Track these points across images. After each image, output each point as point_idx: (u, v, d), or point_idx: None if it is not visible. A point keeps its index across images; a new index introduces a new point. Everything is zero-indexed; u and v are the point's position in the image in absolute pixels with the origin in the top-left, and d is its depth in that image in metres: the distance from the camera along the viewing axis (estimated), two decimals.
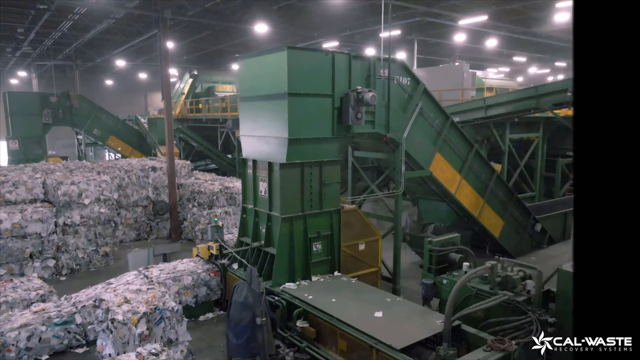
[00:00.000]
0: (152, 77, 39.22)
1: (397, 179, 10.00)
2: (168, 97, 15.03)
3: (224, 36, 22.92)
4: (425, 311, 7.29)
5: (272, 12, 16.82)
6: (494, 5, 16.72)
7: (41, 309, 8.02)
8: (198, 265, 9.61)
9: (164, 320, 6.63)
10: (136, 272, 9.20)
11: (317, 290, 8.00)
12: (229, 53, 27.47)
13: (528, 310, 6.60)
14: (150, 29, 19.98)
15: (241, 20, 17.39)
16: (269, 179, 8.54)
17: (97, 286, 8.87)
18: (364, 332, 6.46)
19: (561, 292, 6.73)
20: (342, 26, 19.37)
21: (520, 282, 7.00)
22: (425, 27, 19.49)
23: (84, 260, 12.39)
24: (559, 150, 20.81)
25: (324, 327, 7.18)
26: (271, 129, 8.39)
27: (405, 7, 15.87)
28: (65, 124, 24.55)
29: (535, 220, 14.11)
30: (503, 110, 12.91)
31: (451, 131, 11.20)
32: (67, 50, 25.60)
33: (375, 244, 9.88)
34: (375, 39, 20.94)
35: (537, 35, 21.64)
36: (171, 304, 6.82)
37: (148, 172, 15.49)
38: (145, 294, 7.22)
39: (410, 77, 10.16)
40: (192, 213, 15.23)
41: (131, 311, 6.54)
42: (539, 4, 16.26)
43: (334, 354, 7.02)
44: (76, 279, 11.85)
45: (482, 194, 12.09)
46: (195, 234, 15.11)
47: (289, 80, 7.87)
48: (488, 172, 12.29)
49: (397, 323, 6.77)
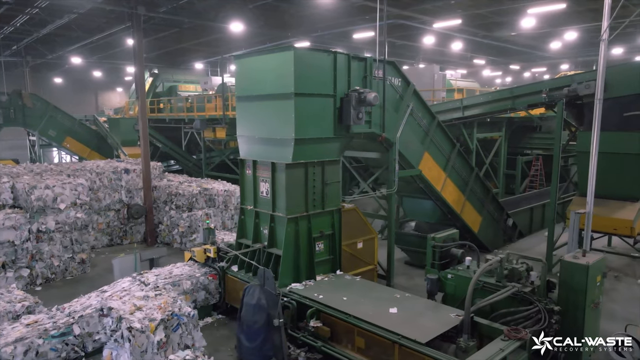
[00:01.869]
0: (105, 76, 37.55)
1: (391, 178, 10.20)
2: (142, 96, 14.50)
3: (190, 34, 22.36)
4: (437, 305, 7.50)
5: (247, 11, 16.62)
6: (460, 10, 17.37)
7: (33, 321, 7.53)
8: (194, 269, 9.36)
9: (181, 326, 6.43)
10: (130, 279, 8.83)
11: (324, 290, 8.03)
12: (193, 52, 26.85)
13: (535, 300, 6.95)
14: (113, 26, 19.20)
15: (216, 19, 17.03)
16: (272, 179, 8.46)
17: (90, 295, 8.45)
18: (385, 328, 6.57)
19: (564, 281, 7.15)
20: (314, 26, 19.43)
21: (525, 273, 7.36)
22: (394, 30, 19.90)
23: (59, 269, 11.70)
24: (518, 148, 21.99)
25: (339, 326, 7.22)
26: (275, 129, 8.32)
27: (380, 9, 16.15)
28: (17, 124, 23.02)
29: (508, 216, 14.84)
30: (480, 111, 13.48)
31: (437, 131, 11.57)
32: (17, 46, 24.02)
33: (371, 242, 10.04)
34: (346, 39, 21.17)
35: (497, 39, 22.72)
36: (186, 309, 6.62)
37: (121, 174, 14.86)
38: (154, 300, 6.97)
39: (401, 78, 10.40)
40: (169, 216, 14.76)
41: (147, 318, 6.30)
42: (503, 10, 17.07)
43: (350, 351, 7.08)
44: (53, 289, 11.18)
45: (464, 191, 12.57)
46: (172, 237, 14.68)
47: (295, 80, 7.85)
48: (468, 170, 12.80)
49: (413, 318, 6.93)
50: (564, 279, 7.13)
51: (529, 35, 22.06)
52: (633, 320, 7.68)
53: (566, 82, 11.35)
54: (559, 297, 7.20)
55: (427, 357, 6.09)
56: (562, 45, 24.97)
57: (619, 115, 10.76)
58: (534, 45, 25.35)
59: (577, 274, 6.99)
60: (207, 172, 23.65)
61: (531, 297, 7.02)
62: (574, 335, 6.85)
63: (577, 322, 7.00)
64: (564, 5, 14.90)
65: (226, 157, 22.89)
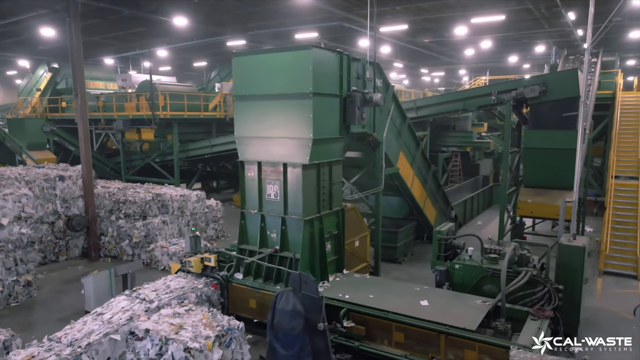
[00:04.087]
0: None
1: (378, 176, 10.50)
2: (82, 94, 12.97)
3: (104, 27, 20.33)
4: (458, 295, 7.94)
5: (189, 6, 15.70)
6: (405, 16, 18.27)
7: (29, 356, 6.43)
8: (190, 280, 8.69)
9: (233, 341, 6.00)
10: (125, 297, 7.94)
11: (344, 290, 8.02)
12: (102, 45, 24.47)
13: (545, 282, 7.73)
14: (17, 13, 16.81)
15: (157, 11, 15.76)
16: (284, 181, 8.22)
17: (84, 319, 7.39)
18: (429, 320, 6.81)
19: (562, 263, 8.05)
20: (254, 25, 18.97)
21: (531, 259, 8.13)
22: (332, 31, 20.27)
23: (2, 295, 10.01)
24: (436, 146, 23.89)
25: (374, 323, 7.30)
26: (288, 129, 8.08)
27: (326, 10, 16.40)
28: None
29: (452, 208, 16.08)
30: (433, 111, 14.41)
31: (408, 130, 12.15)
32: None
33: (365, 240, 10.23)
34: (286, 39, 20.98)
35: (416, 44, 24.33)
36: (235, 322, 6.20)
37: (54, 182, 13.10)
38: (188, 316, 6.40)
39: (383, 80, 10.75)
40: (116, 226, 13.39)
41: (198, 336, 5.77)
42: (443, 17, 18.37)
43: (387, 347, 7.21)
44: (1, 319, 9.53)
45: (425, 187, 13.37)
46: (121, 249, 13.34)
47: (313, 80, 7.73)
48: (427, 167, 13.64)
49: (446, 308, 7.27)
50: (563, 261, 8.02)
51: (444, 42, 24.01)
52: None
53: (514, 85, 12.67)
54: (558, 276, 8.08)
55: (476, 343, 6.47)
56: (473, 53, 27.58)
57: (558, 116, 12.34)
58: (443, 51, 27.60)
59: (574, 256, 7.92)
60: (127, 177, 21.83)
61: (541, 279, 7.79)
62: (573, 311, 7.79)
63: (574, 298, 7.93)
64: (503, 17, 16.57)
65: (152, 160, 21.35)
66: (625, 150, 14.58)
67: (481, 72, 36.90)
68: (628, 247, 12.04)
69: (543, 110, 12.51)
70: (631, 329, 8.32)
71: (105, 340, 6.67)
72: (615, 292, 10.67)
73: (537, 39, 23.64)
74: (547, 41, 24.00)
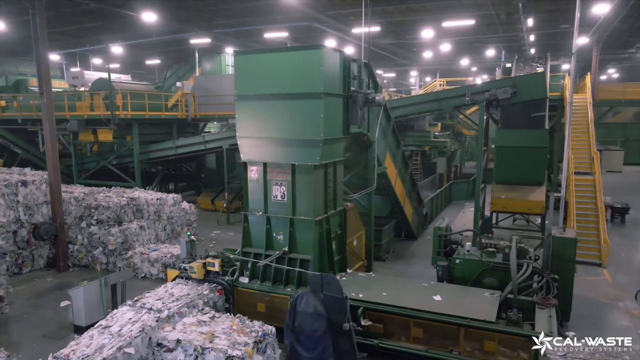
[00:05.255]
0: None
1: (371, 175, 10.64)
2: (49, 92, 12.05)
3: (56, 21, 19.04)
4: (466, 289, 8.22)
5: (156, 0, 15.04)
6: (378, 18, 18.57)
7: None
8: (194, 287, 8.37)
9: (268, 347, 5.87)
10: (129, 307, 7.50)
11: (355, 289, 8.05)
12: (51, 40, 22.79)
13: (544, 273, 8.21)
14: None
15: (124, 5, 14.91)
16: (292, 182, 8.12)
17: (90, 333, 6.91)
18: (448, 314, 7.02)
19: (555, 254, 8.57)
20: (217, 22, 18.50)
21: (528, 251, 8.59)
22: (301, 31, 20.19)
23: None
24: None
25: (391, 320, 7.41)
26: (297, 130, 7.99)
27: (299, 10, 16.35)
28: None
29: (423, 206, 16.61)
30: (408, 111, 14.78)
31: (392, 130, 12.40)
32: None
33: (360, 238, 10.33)
34: (250, 38, 20.64)
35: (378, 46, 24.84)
36: (268, 327, 6.05)
37: (16, 187, 12.06)
38: (215, 324, 6.18)
39: (372, 80, 10.89)
40: (88, 233, 12.57)
41: (234, 344, 5.59)
42: (416, 20, 18.86)
43: (406, 343, 7.35)
44: None
45: (405, 185, 13.71)
46: (94, 257, 12.53)
47: (324, 80, 7.71)
48: (405, 167, 14.00)
49: (460, 302, 7.52)
50: (556, 252, 8.55)
51: (403, 44, 24.71)
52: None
53: (487, 87, 13.29)
54: (551, 267, 8.59)
55: (496, 334, 6.75)
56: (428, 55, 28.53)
57: (527, 116, 13.11)
58: (399, 52, 28.38)
59: (567, 247, 8.47)
60: (80, 181, 20.54)
61: (540, 270, 8.25)
62: (566, 299, 8.34)
63: (567, 287, 8.49)
64: (473, 21, 17.27)
65: (109, 163, 20.21)
66: (579, 148, 15.80)
67: (432, 74, 38.33)
68: (591, 237, 13.04)
69: (513, 110, 13.23)
70: (610, 312, 9.04)
71: (120, 355, 6.30)
72: (586, 280, 11.51)
73: (489, 43, 24.92)
74: (498, 45, 25.37)
